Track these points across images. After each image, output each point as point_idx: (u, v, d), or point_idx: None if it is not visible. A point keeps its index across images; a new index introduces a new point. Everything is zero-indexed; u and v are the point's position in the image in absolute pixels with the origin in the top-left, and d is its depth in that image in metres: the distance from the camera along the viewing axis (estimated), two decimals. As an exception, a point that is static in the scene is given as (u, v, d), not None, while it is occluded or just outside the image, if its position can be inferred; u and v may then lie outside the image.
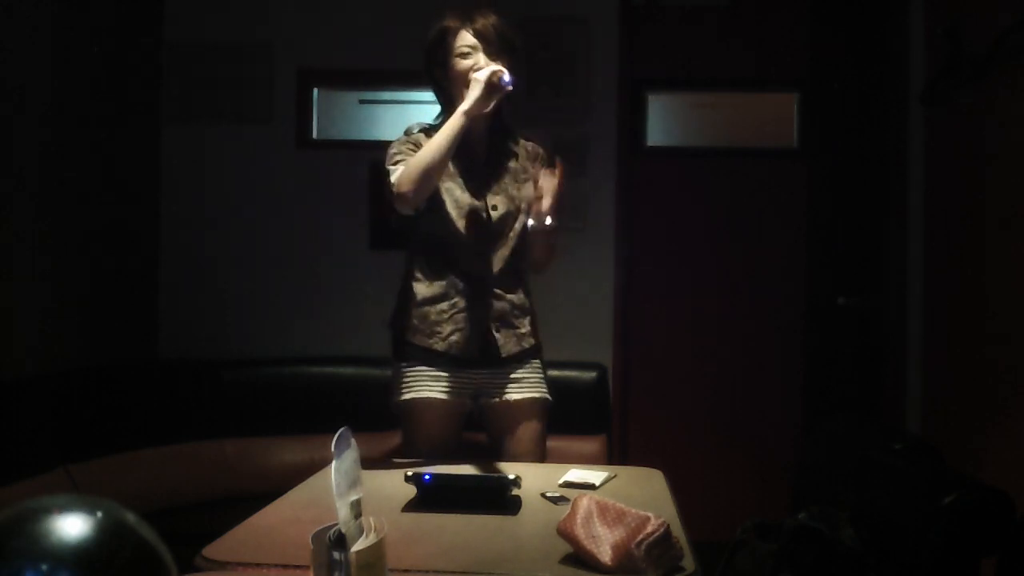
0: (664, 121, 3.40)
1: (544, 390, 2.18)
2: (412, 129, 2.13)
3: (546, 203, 2.04)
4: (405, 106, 3.25)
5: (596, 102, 3.26)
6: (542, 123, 3.20)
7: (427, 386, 2.09)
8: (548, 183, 2.04)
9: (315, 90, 3.35)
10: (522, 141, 2.20)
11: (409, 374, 2.11)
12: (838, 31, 3.29)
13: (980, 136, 2.65)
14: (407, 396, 2.10)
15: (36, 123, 2.60)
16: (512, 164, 2.15)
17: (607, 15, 3.26)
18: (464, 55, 2.04)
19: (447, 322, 2.08)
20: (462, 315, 2.08)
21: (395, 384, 2.13)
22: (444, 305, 2.09)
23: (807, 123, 3.32)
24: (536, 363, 2.19)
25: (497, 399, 2.14)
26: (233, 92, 3.30)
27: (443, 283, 2.09)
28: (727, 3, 3.31)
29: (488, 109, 2.00)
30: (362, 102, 3.45)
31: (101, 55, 2.91)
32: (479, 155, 2.13)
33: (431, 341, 2.09)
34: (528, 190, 2.15)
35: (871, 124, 3.26)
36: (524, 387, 2.15)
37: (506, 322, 2.12)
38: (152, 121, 3.29)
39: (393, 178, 2.00)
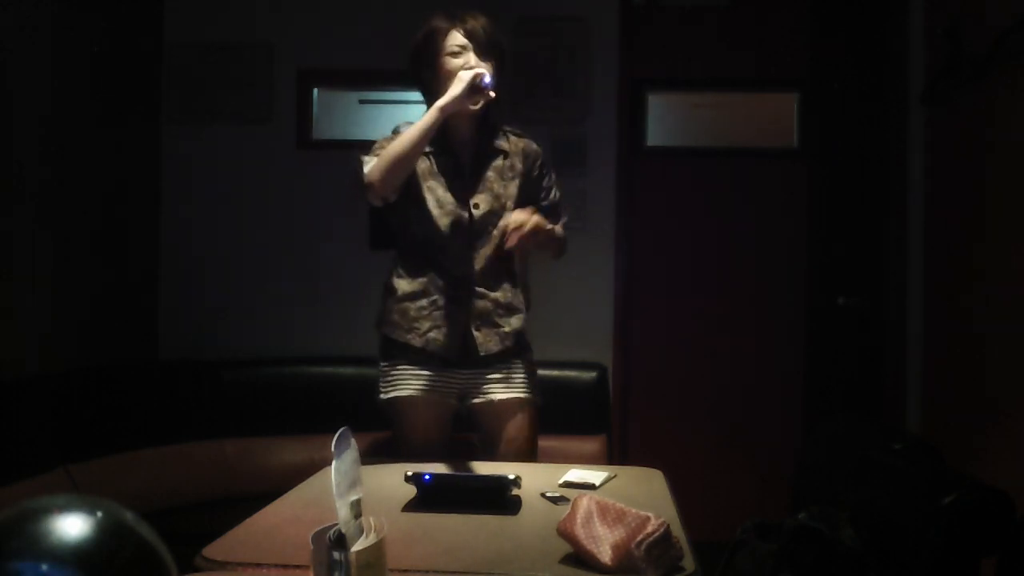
0: (664, 121, 3.40)
1: (528, 390, 2.16)
2: (400, 128, 2.13)
3: (513, 238, 2.02)
4: (405, 106, 3.25)
5: (596, 102, 3.26)
6: (542, 123, 3.20)
7: (409, 385, 2.10)
8: (518, 221, 2.02)
9: (315, 90, 3.35)
10: (513, 138, 2.20)
11: (392, 373, 2.12)
12: (838, 31, 3.29)
13: (980, 136, 2.65)
14: (390, 395, 2.12)
15: (36, 123, 2.60)
16: (499, 162, 2.15)
17: (607, 15, 3.26)
18: (455, 54, 2.06)
19: (426, 318, 2.08)
20: (441, 312, 2.08)
21: (379, 383, 2.14)
22: (424, 302, 2.09)
23: (807, 123, 3.32)
24: (521, 362, 2.17)
25: (481, 399, 2.14)
26: (233, 92, 3.30)
27: (424, 280, 2.10)
28: (727, 3, 3.31)
29: (468, 108, 2.00)
30: (362, 102, 3.45)
31: (101, 55, 2.91)
32: (464, 155, 2.14)
33: (409, 337, 2.09)
34: (514, 188, 2.15)
35: (871, 124, 3.26)
36: (508, 387, 2.14)
37: (488, 321, 2.12)
38: (152, 121, 3.29)
39: (365, 169, 2.02)
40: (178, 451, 2.76)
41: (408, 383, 2.10)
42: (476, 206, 2.10)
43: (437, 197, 2.09)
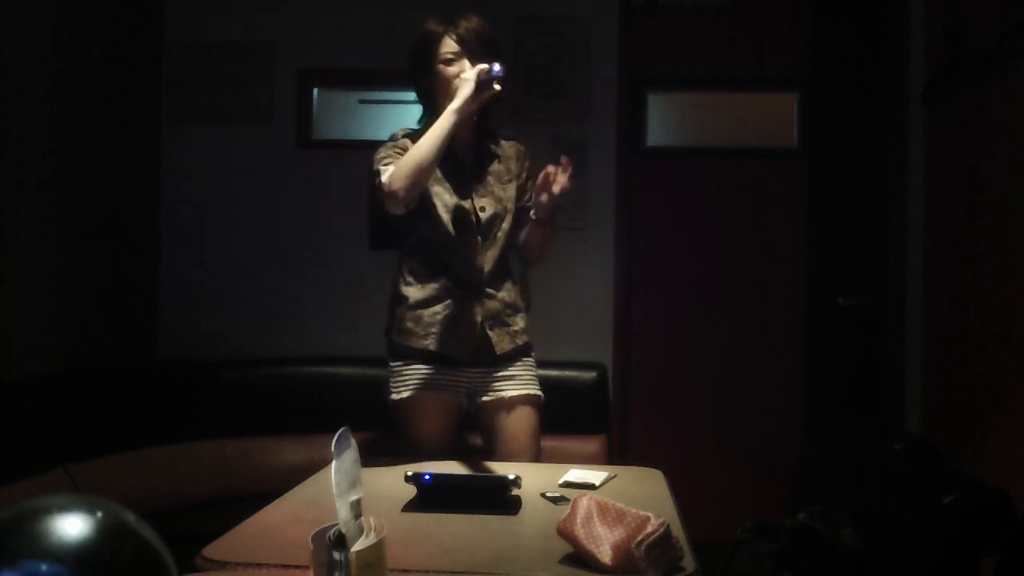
0: (664, 121, 3.39)
1: (537, 387, 2.20)
2: (397, 135, 2.15)
3: (557, 189, 2.01)
4: (405, 106, 3.25)
5: (596, 102, 3.26)
6: (542, 123, 3.21)
7: (421, 384, 2.11)
8: (561, 178, 2.01)
9: (315, 90, 3.35)
10: (504, 142, 2.23)
11: (404, 372, 2.13)
12: (838, 31, 3.30)
13: (980, 136, 2.65)
14: (403, 395, 2.12)
15: (36, 123, 2.60)
16: (496, 166, 2.18)
17: (607, 15, 3.26)
18: (448, 62, 2.07)
19: (441, 324, 2.10)
20: (456, 316, 2.10)
21: (390, 383, 2.15)
22: (438, 307, 2.10)
23: (807, 123, 3.32)
24: (528, 360, 2.21)
25: (491, 396, 2.16)
26: (233, 92, 3.30)
27: (435, 285, 2.11)
28: (727, 3, 3.30)
29: (481, 103, 2.00)
30: (362, 102, 3.45)
31: (101, 55, 2.91)
32: (465, 159, 2.16)
33: (426, 343, 2.10)
34: (512, 190, 2.18)
35: (871, 124, 3.26)
36: (518, 384, 2.17)
37: (499, 320, 2.15)
38: (152, 121, 3.29)
39: (384, 177, 2.01)
40: (178, 451, 2.76)
41: (421, 383, 2.11)
42: (483, 209, 2.12)
43: (444, 202, 2.10)
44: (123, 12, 3.07)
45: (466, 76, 1.97)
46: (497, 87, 1.98)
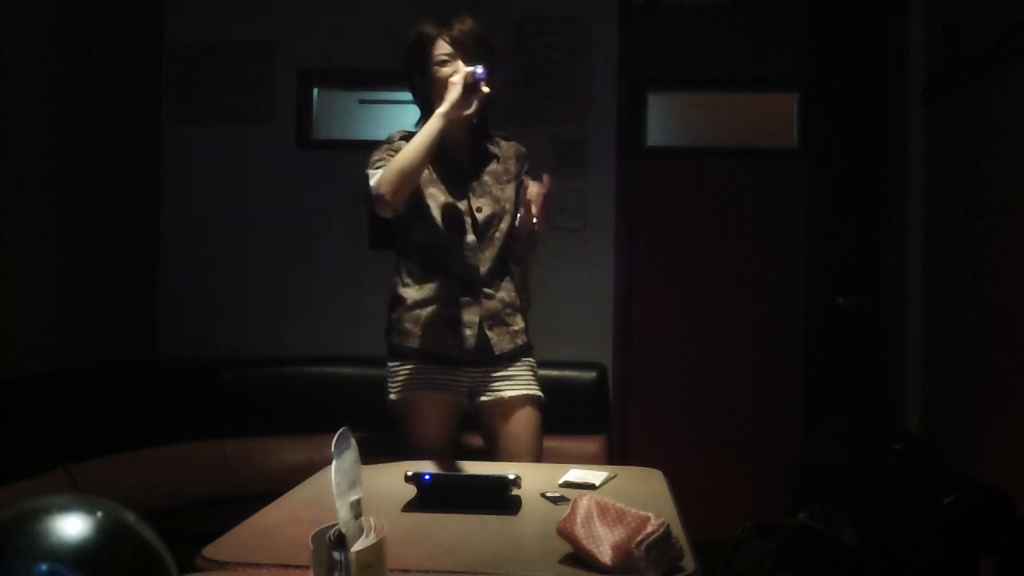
0: (664, 121, 3.39)
1: (537, 387, 2.19)
2: (394, 137, 2.15)
3: (535, 210, 2.02)
4: (405, 106, 3.25)
5: (596, 102, 3.26)
6: (542, 123, 3.21)
7: (420, 384, 2.11)
8: (535, 193, 2.01)
9: (315, 90, 3.35)
10: (503, 143, 2.23)
11: (403, 373, 2.13)
12: (838, 31, 3.30)
13: (980, 136, 2.65)
14: (403, 395, 2.12)
15: (36, 123, 2.60)
16: (494, 166, 2.18)
17: (607, 15, 3.26)
18: (443, 63, 2.07)
19: (440, 324, 2.10)
20: (455, 316, 2.10)
21: (389, 384, 2.15)
22: (436, 307, 2.10)
23: (807, 123, 3.32)
24: (528, 361, 2.21)
25: (490, 397, 2.16)
26: (233, 92, 3.30)
27: (433, 286, 2.11)
28: (727, 3, 3.30)
29: (468, 111, 2.01)
30: (362, 102, 3.45)
31: (101, 55, 2.91)
32: (461, 160, 2.16)
33: (426, 343, 2.10)
34: (511, 190, 2.18)
35: (871, 124, 3.26)
36: (517, 384, 2.17)
37: (498, 320, 2.15)
38: (152, 121, 3.29)
39: (372, 182, 2.02)
40: (178, 451, 2.76)
41: (420, 383, 2.12)
42: (479, 210, 2.12)
43: (440, 203, 2.10)
44: (123, 12, 3.07)
45: (453, 80, 1.98)
46: (485, 89, 1.98)
